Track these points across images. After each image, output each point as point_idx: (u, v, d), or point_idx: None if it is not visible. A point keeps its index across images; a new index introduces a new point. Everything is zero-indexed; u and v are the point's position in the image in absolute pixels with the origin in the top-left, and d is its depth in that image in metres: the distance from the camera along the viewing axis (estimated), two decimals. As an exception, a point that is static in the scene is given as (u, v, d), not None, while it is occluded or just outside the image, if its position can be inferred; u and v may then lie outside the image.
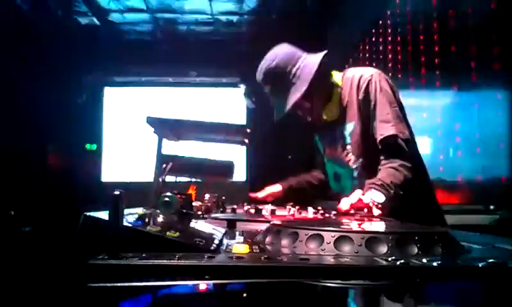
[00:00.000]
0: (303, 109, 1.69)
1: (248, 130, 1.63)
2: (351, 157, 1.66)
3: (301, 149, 2.19)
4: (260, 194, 1.97)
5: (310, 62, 1.62)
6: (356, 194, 1.38)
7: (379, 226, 0.95)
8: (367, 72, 1.63)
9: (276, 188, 2.00)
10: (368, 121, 1.60)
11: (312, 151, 2.11)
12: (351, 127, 1.65)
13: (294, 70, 1.60)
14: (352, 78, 1.65)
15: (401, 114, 1.58)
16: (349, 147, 1.66)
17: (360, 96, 1.60)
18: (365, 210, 1.35)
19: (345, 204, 1.37)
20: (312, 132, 1.93)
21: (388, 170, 1.48)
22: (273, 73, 1.61)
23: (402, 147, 1.51)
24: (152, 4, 5.02)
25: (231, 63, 6.01)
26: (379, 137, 1.54)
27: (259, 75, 1.67)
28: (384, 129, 1.53)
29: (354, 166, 1.66)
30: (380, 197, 1.37)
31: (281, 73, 1.60)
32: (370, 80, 1.60)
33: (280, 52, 1.65)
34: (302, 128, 2.09)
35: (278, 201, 1.91)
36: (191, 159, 1.64)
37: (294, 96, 1.58)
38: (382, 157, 1.54)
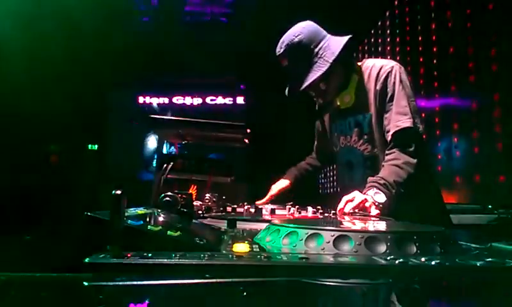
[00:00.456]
0: (318, 90, 1.65)
1: (248, 130, 1.63)
2: (368, 146, 1.65)
3: (301, 149, 2.19)
4: (270, 194, 1.97)
5: (333, 44, 1.59)
6: (355, 194, 1.38)
7: (378, 225, 0.95)
8: (388, 64, 1.62)
9: (284, 183, 2.00)
10: (382, 112, 1.59)
11: (311, 151, 2.13)
12: (368, 116, 1.63)
13: (316, 49, 1.57)
14: (372, 67, 1.64)
15: (417, 109, 1.58)
16: (366, 136, 1.65)
17: (378, 87, 1.59)
18: (360, 210, 1.35)
19: (344, 204, 1.38)
20: (324, 119, 1.92)
21: (392, 168, 1.47)
22: (296, 48, 1.57)
23: (416, 140, 1.51)
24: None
25: (231, 63, 6.01)
26: (393, 128, 1.53)
27: (280, 48, 1.62)
28: (400, 121, 1.52)
29: (369, 155, 1.65)
30: (381, 198, 1.37)
31: (304, 49, 1.57)
32: (390, 71, 1.59)
33: (305, 28, 1.61)
34: (301, 128, 2.10)
35: (279, 200, 1.92)
36: (192, 159, 1.64)
37: (313, 74, 1.55)
38: (388, 149, 1.54)
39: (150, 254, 0.68)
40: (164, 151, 1.50)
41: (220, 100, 7.06)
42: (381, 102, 1.59)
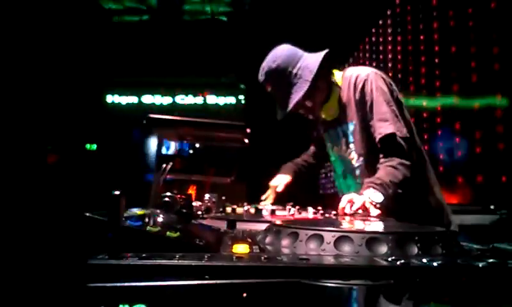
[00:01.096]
0: (304, 108, 1.70)
1: (248, 130, 1.63)
2: (354, 155, 1.67)
3: (300, 150, 2.19)
4: (273, 190, 1.95)
5: (310, 62, 1.62)
6: (354, 195, 1.37)
7: (379, 226, 0.95)
8: (363, 72, 1.64)
9: (285, 178, 1.99)
10: (366, 121, 1.61)
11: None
12: (352, 126, 1.66)
13: (295, 71, 1.60)
14: (350, 77, 1.67)
15: (399, 112, 1.58)
16: (351, 146, 1.67)
17: (357, 96, 1.62)
18: (361, 211, 1.34)
19: (344, 204, 1.37)
20: (317, 127, 1.93)
21: (387, 169, 1.48)
22: (274, 73, 1.62)
23: (401, 145, 1.52)
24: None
25: (231, 64, 6.01)
26: (377, 136, 1.55)
27: (261, 76, 1.68)
28: (382, 128, 1.54)
29: (356, 165, 1.67)
30: (379, 197, 1.37)
31: (283, 73, 1.61)
32: (366, 79, 1.60)
33: (281, 52, 1.65)
34: (301, 128, 2.09)
35: (279, 199, 1.91)
36: (191, 159, 1.63)
37: (296, 95, 1.59)
38: (381, 155, 1.55)
39: (149, 255, 0.67)
40: (163, 151, 1.49)
41: (220, 100, 7.06)
42: (363, 110, 1.61)
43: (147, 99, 7.04)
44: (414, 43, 4.08)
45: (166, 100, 7.11)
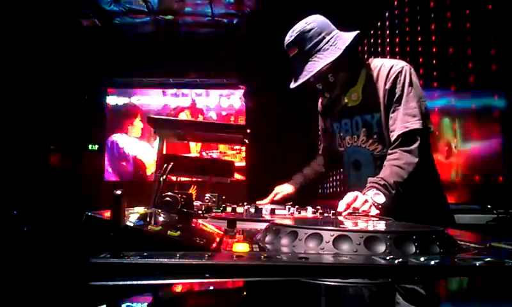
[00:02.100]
0: (325, 82, 1.64)
1: (248, 130, 1.64)
2: (378, 146, 1.65)
3: (300, 150, 2.19)
4: (271, 197, 1.95)
5: (344, 35, 1.60)
6: (356, 195, 1.38)
7: (377, 225, 0.96)
8: (398, 64, 1.63)
9: (287, 189, 1.98)
10: (389, 112, 1.59)
11: (311, 151, 2.12)
12: (377, 116, 1.63)
13: (328, 37, 1.58)
14: (381, 66, 1.64)
15: (427, 109, 1.58)
16: (375, 136, 1.65)
17: (388, 86, 1.59)
18: (361, 209, 1.35)
19: (345, 203, 1.38)
20: (328, 119, 1.91)
21: (393, 168, 1.47)
22: (307, 34, 1.57)
23: (420, 142, 1.51)
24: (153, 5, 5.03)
25: (231, 64, 6.01)
26: (401, 129, 1.53)
27: (290, 36, 1.61)
28: (409, 122, 1.52)
29: (380, 155, 1.65)
30: (380, 198, 1.38)
31: (316, 36, 1.57)
32: (400, 72, 1.59)
33: (316, 18, 1.62)
34: (301, 129, 2.09)
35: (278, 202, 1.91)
36: (192, 159, 1.64)
37: (324, 60, 1.54)
38: (392, 148, 1.54)
39: (150, 254, 0.68)
40: (164, 151, 1.50)
41: (221, 101, 7.06)
42: (390, 101, 1.59)
43: (148, 99, 7.05)
44: (412, 44, 4.09)
45: (167, 100, 7.11)
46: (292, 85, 1.63)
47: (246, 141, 1.74)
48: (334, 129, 1.85)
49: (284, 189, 1.99)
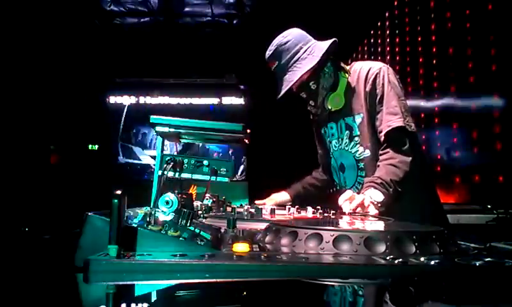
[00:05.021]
0: (308, 90, 1.67)
1: (248, 130, 1.64)
2: (359, 147, 1.67)
3: (300, 150, 2.19)
4: (267, 202, 1.95)
5: (322, 43, 1.64)
6: (351, 194, 1.38)
7: (377, 225, 0.96)
8: (376, 65, 1.65)
9: (284, 197, 1.99)
10: (373, 114, 1.61)
11: (311, 151, 2.12)
12: (359, 118, 1.65)
13: (305, 47, 1.62)
14: (360, 70, 1.67)
15: (408, 108, 1.60)
16: (357, 138, 1.67)
17: (368, 88, 1.62)
18: (360, 209, 1.35)
19: (342, 201, 1.37)
20: (318, 126, 1.92)
21: (388, 167, 1.48)
22: (284, 46, 1.62)
23: (407, 140, 1.53)
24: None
25: (231, 64, 6.01)
26: (385, 129, 1.55)
27: (269, 51, 1.67)
28: (391, 121, 1.54)
29: (361, 157, 1.66)
30: (379, 196, 1.38)
31: (293, 48, 1.62)
32: (378, 73, 1.62)
33: (292, 31, 1.67)
34: (301, 129, 2.10)
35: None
36: (192, 159, 1.64)
37: (303, 68, 1.59)
38: (382, 149, 1.55)
39: (150, 254, 0.68)
40: (164, 151, 1.50)
41: (221, 101, 7.06)
42: (372, 103, 1.61)
43: (148, 100, 7.05)
44: (412, 44, 4.09)
45: (167, 101, 7.12)
46: (278, 96, 1.68)
47: (246, 141, 1.74)
48: (323, 135, 1.87)
49: (280, 197, 1.99)
